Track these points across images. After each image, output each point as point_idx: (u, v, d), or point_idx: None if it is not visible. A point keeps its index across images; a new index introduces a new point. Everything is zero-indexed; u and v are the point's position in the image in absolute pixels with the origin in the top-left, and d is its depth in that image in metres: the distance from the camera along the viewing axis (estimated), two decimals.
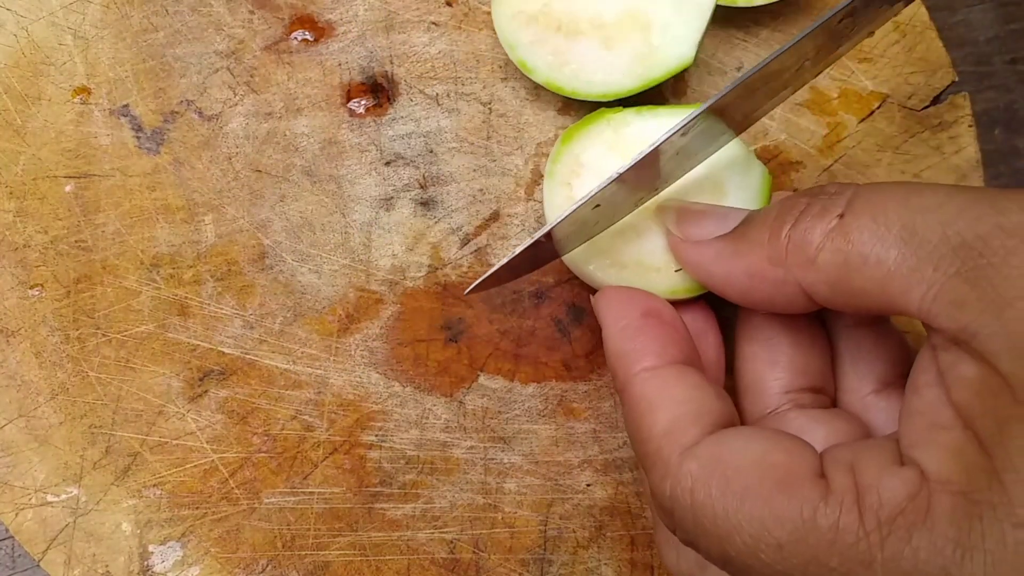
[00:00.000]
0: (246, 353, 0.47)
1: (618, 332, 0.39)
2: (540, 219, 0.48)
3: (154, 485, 0.46)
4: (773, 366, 0.40)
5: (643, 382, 0.37)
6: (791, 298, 0.36)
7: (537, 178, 0.48)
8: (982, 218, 0.31)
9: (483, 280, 0.41)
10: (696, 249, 0.40)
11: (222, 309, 0.47)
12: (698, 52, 0.46)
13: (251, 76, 0.49)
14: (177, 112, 0.49)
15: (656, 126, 0.44)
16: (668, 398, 0.36)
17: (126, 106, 0.49)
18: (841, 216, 0.34)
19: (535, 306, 0.48)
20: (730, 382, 0.43)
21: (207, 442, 0.47)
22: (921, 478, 0.30)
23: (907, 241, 0.32)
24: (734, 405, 0.38)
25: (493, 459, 0.47)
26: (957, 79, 0.49)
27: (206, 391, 0.47)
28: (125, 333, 0.47)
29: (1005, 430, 0.29)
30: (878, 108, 0.49)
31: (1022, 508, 0.28)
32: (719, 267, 0.39)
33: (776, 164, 0.49)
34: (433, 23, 0.49)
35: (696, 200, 0.43)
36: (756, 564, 0.32)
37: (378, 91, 0.49)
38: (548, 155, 0.48)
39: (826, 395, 0.40)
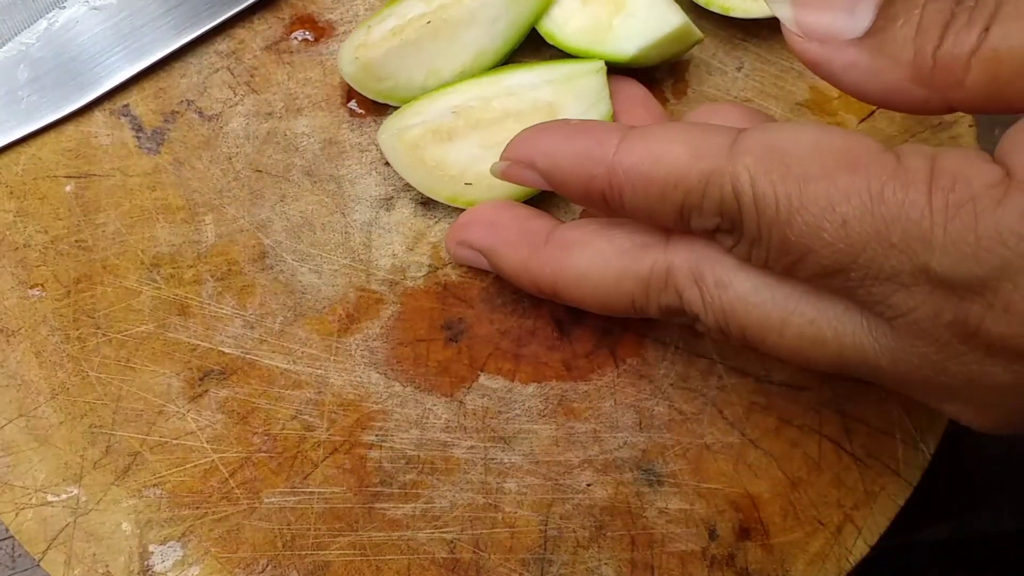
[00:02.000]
0: (246, 353, 0.47)
1: (565, 139, 0.38)
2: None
3: (154, 485, 0.46)
4: None
5: (631, 148, 0.36)
6: (932, 110, 0.34)
7: None
8: None
9: None
10: (821, 53, 0.35)
11: (222, 309, 0.47)
12: (641, 56, 0.47)
13: (251, 76, 0.49)
14: (177, 112, 0.49)
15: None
16: (671, 137, 0.35)
17: (126, 106, 0.49)
18: (987, 29, 0.31)
19: (535, 306, 0.48)
20: None
21: (207, 442, 0.47)
22: (1005, 175, 0.30)
23: None
24: None
25: (493, 459, 0.47)
26: None
27: (206, 391, 0.47)
28: (125, 333, 0.47)
29: None
30: (878, 108, 0.49)
31: None
32: (850, 78, 0.35)
33: None
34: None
35: None
36: (818, 246, 0.31)
37: None
38: None
39: None
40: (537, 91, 0.47)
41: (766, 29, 0.50)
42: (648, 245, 0.39)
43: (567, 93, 0.47)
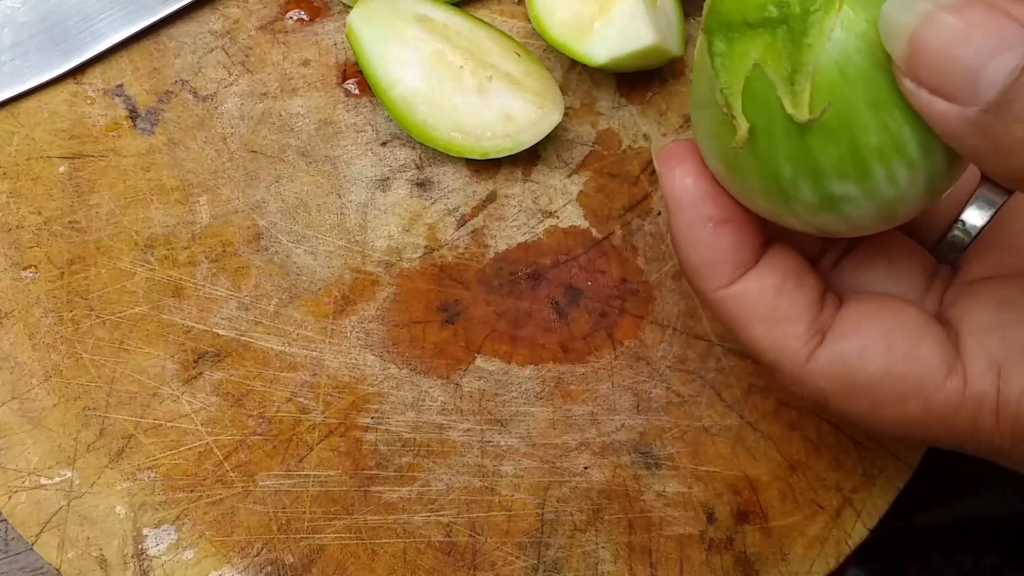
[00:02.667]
0: (241, 335, 0.47)
1: (688, 242, 0.35)
2: (537, 200, 0.48)
3: (148, 468, 0.46)
4: None
5: (724, 303, 0.35)
6: None
7: (534, 159, 0.48)
8: None
9: None
10: (941, 112, 0.28)
11: (217, 290, 0.47)
12: (611, 64, 0.46)
13: (246, 56, 0.49)
14: (172, 92, 0.49)
15: None
16: (755, 313, 0.35)
17: (120, 86, 0.49)
18: None
19: (532, 288, 0.47)
20: None
21: (202, 424, 0.46)
22: None
23: None
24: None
25: (490, 442, 0.46)
26: None
27: (201, 373, 0.47)
28: (119, 315, 0.47)
29: None
30: None
31: None
32: (970, 144, 0.28)
33: None
34: None
35: None
36: (905, 437, 0.36)
37: None
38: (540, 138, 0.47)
39: None
40: (502, 64, 0.47)
41: None
42: None
43: (526, 87, 0.47)
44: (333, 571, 0.45)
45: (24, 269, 0.47)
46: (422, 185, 0.48)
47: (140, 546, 0.46)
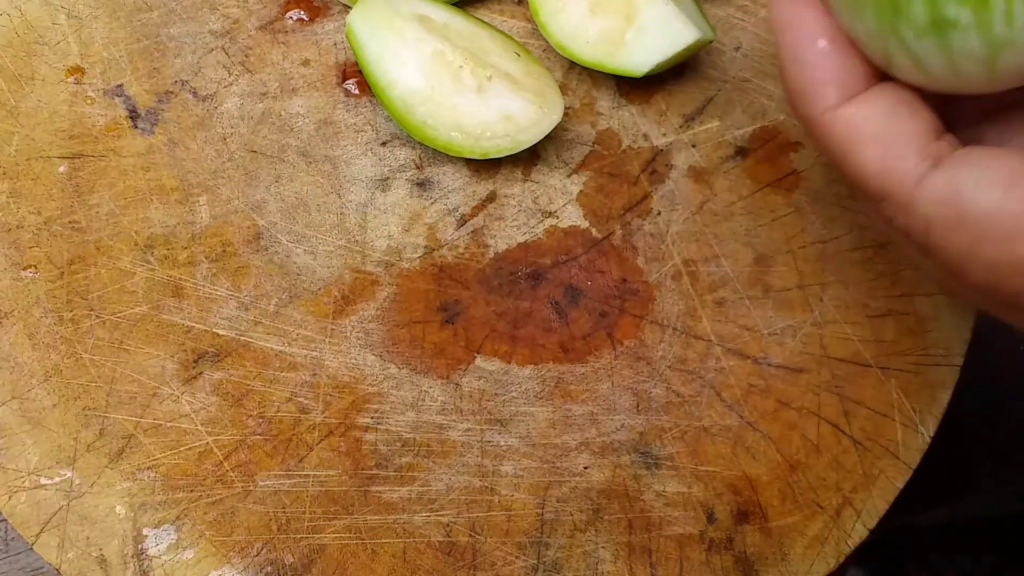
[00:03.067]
0: (241, 335, 0.47)
1: (796, 63, 0.35)
2: (536, 200, 0.48)
3: (148, 468, 0.46)
4: None
5: (832, 125, 0.34)
6: None
7: (534, 159, 0.48)
8: None
9: None
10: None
11: (217, 290, 0.47)
12: (654, 71, 0.47)
13: (246, 56, 0.49)
14: (172, 92, 0.49)
15: None
16: (867, 133, 0.34)
17: (120, 86, 0.49)
18: None
19: (532, 288, 0.47)
20: None
21: (201, 424, 0.46)
22: None
23: None
24: None
25: (490, 442, 0.46)
26: None
27: (200, 373, 0.47)
28: (119, 315, 0.47)
29: None
30: None
31: None
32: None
33: (775, 145, 0.48)
34: None
35: None
36: (986, 290, 0.32)
37: None
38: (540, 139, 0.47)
39: None
40: (502, 64, 0.47)
41: (765, 9, 0.49)
42: None
43: (527, 87, 0.47)
44: (333, 571, 0.45)
45: (24, 269, 0.47)
46: (422, 185, 0.48)
47: (140, 546, 0.46)
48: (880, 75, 0.35)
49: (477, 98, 0.46)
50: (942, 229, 0.32)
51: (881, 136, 0.33)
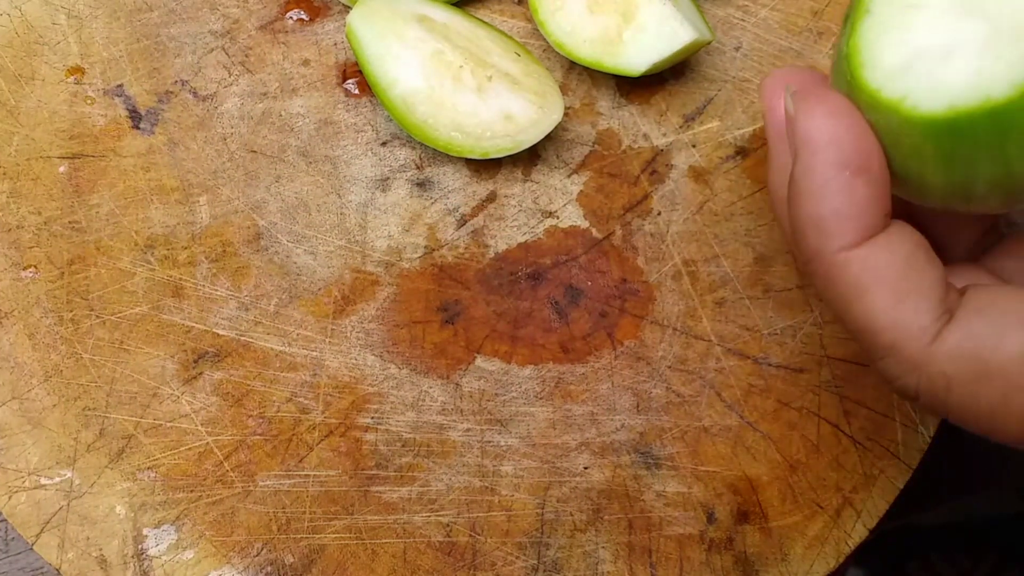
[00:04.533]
0: (241, 335, 0.47)
1: (820, 185, 0.32)
2: (537, 200, 0.48)
3: (148, 468, 0.46)
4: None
5: (845, 265, 0.32)
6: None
7: (534, 159, 0.48)
8: None
9: None
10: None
11: (217, 290, 0.47)
12: (651, 71, 0.47)
13: (246, 56, 0.49)
14: (172, 92, 0.49)
15: None
16: (882, 278, 0.31)
17: (120, 86, 0.49)
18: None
19: (532, 288, 0.47)
20: None
21: (202, 424, 0.46)
22: None
23: None
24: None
25: (490, 442, 0.46)
26: None
27: (200, 373, 0.47)
28: (119, 315, 0.47)
29: None
30: None
31: None
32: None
33: None
34: None
35: None
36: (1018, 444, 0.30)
37: None
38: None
39: None
40: (502, 64, 0.47)
41: (765, 9, 0.49)
42: None
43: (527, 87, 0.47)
44: (333, 571, 0.45)
45: (24, 269, 0.47)
46: (422, 185, 0.48)
47: (140, 546, 0.46)
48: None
49: (477, 98, 0.46)
50: (965, 386, 0.30)
51: (898, 286, 0.31)
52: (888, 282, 0.31)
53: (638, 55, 0.46)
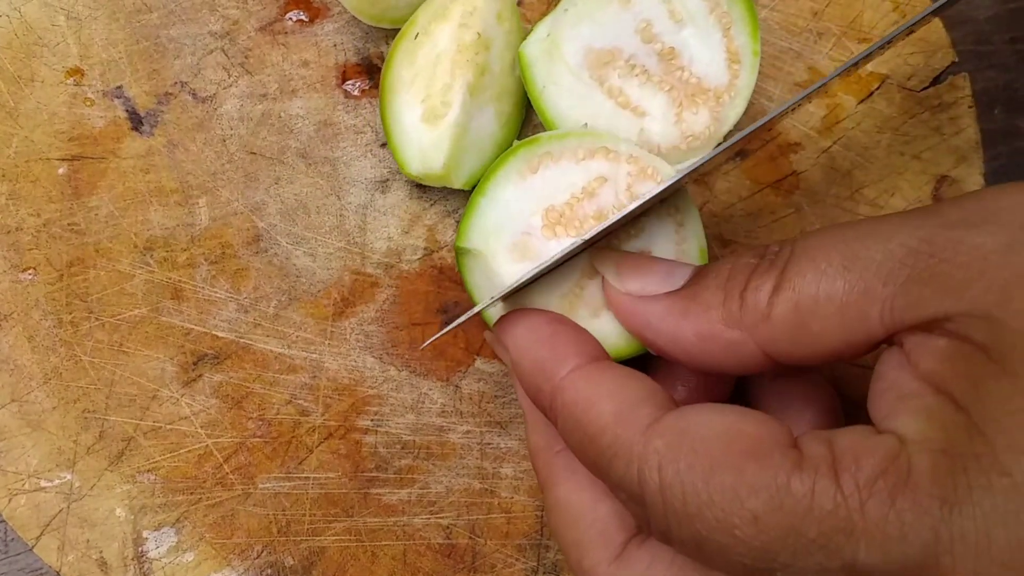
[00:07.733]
0: (240, 337, 0.47)
1: (532, 343, 0.38)
2: None
3: (148, 470, 0.46)
4: None
5: (574, 383, 0.36)
6: (744, 359, 0.35)
7: None
8: (922, 225, 0.31)
9: (440, 336, 0.42)
10: (640, 305, 0.38)
11: (216, 293, 0.47)
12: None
13: (245, 57, 0.49)
14: (171, 94, 0.49)
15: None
16: (607, 390, 0.35)
17: (120, 88, 0.48)
18: (783, 269, 0.34)
19: None
20: None
21: (201, 427, 0.46)
22: (899, 442, 0.29)
23: (850, 268, 0.32)
24: None
25: (489, 444, 0.46)
26: (957, 60, 0.48)
27: (200, 375, 0.47)
28: (118, 317, 0.47)
29: (981, 386, 0.28)
30: (877, 89, 0.48)
31: (1006, 454, 0.27)
32: (666, 326, 0.37)
33: (775, 146, 0.48)
34: None
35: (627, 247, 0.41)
36: (731, 543, 0.29)
37: (373, 72, 0.49)
38: None
39: None
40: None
41: (765, 9, 0.49)
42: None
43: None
44: (333, 573, 0.45)
45: (23, 271, 0.47)
46: (421, 187, 0.48)
47: (140, 548, 0.46)
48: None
49: None
50: (674, 463, 0.31)
51: (625, 390, 0.34)
52: (613, 390, 0.35)
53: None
